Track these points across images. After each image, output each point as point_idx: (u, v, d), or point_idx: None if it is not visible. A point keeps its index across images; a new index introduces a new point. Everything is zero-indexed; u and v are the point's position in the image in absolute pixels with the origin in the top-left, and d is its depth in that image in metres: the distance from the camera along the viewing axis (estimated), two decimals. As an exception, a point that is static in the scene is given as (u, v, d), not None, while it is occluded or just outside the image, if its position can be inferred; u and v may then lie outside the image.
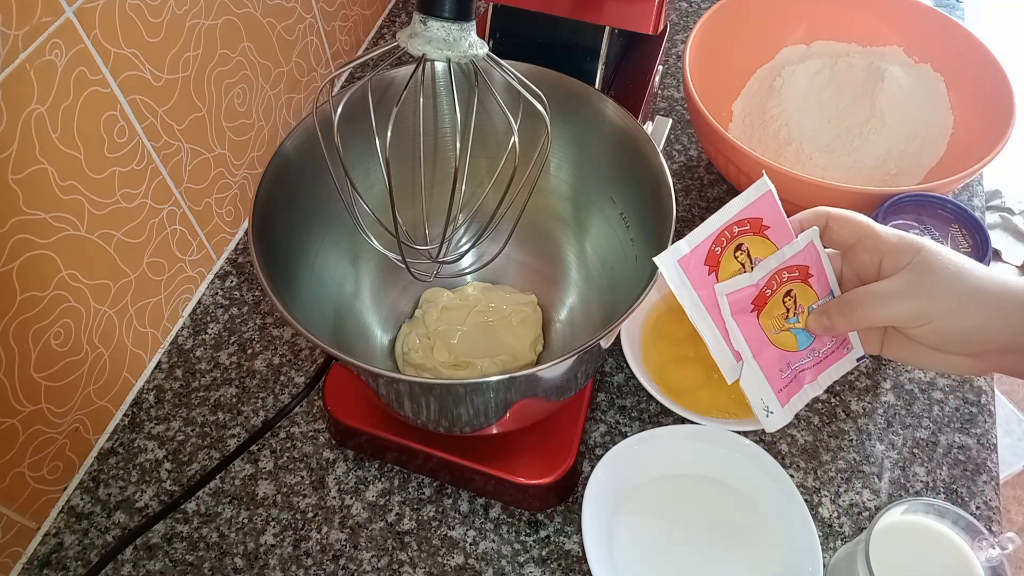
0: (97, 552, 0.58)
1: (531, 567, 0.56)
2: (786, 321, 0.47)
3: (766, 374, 0.47)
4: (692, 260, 0.44)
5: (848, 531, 0.57)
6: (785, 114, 0.76)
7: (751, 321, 0.46)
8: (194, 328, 0.70)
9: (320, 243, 0.55)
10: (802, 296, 0.47)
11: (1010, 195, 1.82)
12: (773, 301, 0.46)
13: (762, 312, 0.46)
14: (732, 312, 0.45)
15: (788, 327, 0.47)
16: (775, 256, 0.45)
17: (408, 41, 0.43)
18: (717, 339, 0.46)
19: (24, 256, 0.52)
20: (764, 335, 0.46)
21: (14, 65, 0.47)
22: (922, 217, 0.61)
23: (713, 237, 0.45)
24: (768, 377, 0.47)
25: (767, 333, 0.47)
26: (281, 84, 0.77)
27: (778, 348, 0.47)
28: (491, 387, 0.45)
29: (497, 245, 0.54)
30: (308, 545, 0.58)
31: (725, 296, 0.45)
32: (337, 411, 0.58)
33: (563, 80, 0.54)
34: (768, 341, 0.47)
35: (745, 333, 0.46)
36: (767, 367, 0.47)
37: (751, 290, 0.45)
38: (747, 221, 0.45)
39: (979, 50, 0.72)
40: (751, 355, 0.46)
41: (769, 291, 0.46)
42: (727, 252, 0.45)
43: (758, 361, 0.46)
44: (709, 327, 0.45)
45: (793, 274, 0.46)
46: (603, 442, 0.62)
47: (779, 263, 0.45)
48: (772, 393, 0.48)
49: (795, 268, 0.46)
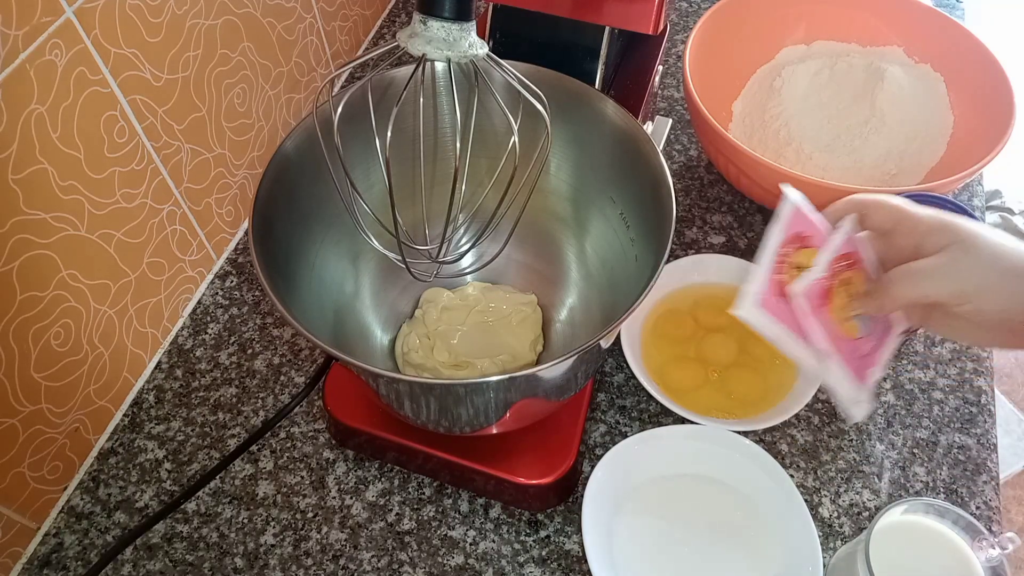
0: (97, 552, 0.58)
1: (531, 567, 0.56)
2: (847, 311, 0.48)
3: (848, 366, 0.48)
4: (766, 299, 0.46)
5: (848, 531, 0.57)
6: (785, 114, 0.76)
7: (825, 317, 0.47)
8: (194, 328, 0.70)
9: (320, 243, 0.55)
10: (857, 283, 0.48)
11: (1010, 195, 1.82)
12: (836, 293, 0.47)
13: (831, 306, 0.47)
14: (811, 309, 0.46)
15: (851, 315, 0.48)
16: (825, 249, 0.46)
17: (408, 41, 0.44)
18: (817, 361, 0.47)
19: (24, 256, 0.52)
20: (837, 328, 0.47)
21: (14, 65, 0.47)
22: None
23: (770, 270, 0.46)
24: (850, 367, 0.48)
25: (838, 326, 0.48)
26: (281, 84, 0.77)
27: (849, 338, 0.48)
28: (491, 387, 0.45)
29: (497, 245, 0.54)
30: (308, 545, 0.58)
31: (801, 296, 0.46)
32: (337, 411, 0.58)
33: (563, 80, 0.54)
34: (841, 334, 0.47)
35: (825, 329, 0.47)
36: (847, 358, 0.48)
37: (819, 282, 0.46)
38: (789, 242, 0.47)
39: (979, 50, 0.72)
40: (834, 350, 0.47)
41: (830, 283, 0.47)
42: (787, 274, 0.47)
43: (840, 354, 0.47)
44: (807, 353, 0.47)
45: (844, 263, 0.47)
46: (603, 442, 0.62)
47: (831, 254, 0.46)
48: (857, 382, 0.48)
49: (844, 257, 0.47)
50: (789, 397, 0.61)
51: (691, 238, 0.75)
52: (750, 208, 0.77)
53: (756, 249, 0.73)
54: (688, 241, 0.74)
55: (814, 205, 0.48)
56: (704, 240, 0.74)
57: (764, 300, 0.46)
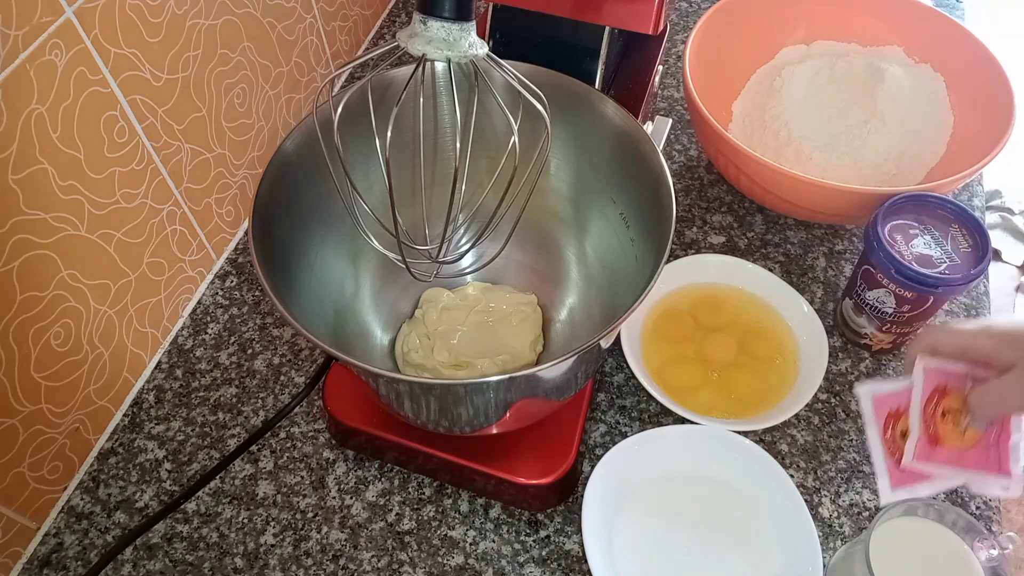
0: (97, 552, 0.58)
1: (531, 567, 0.56)
2: (960, 426, 0.51)
3: (987, 468, 0.51)
4: (898, 478, 0.50)
5: (848, 531, 0.57)
6: (785, 114, 0.76)
7: (944, 453, 0.50)
8: (194, 328, 0.70)
9: (320, 243, 0.55)
10: (956, 401, 0.51)
11: (1010, 195, 1.82)
12: (942, 428, 0.51)
13: (940, 442, 0.51)
14: (930, 460, 0.50)
15: (964, 427, 0.51)
16: (912, 409, 0.50)
17: (408, 41, 0.43)
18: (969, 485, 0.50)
19: (24, 256, 0.52)
20: (960, 446, 0.51)
21: (14, 65, 0.47)
22: (922, 217, 0.61)
23: (885, 459, 0.51)
24: (989, 468, 0.51)
25: (959, 443, 0.51)
26: (281, 84, 0.77)
27: (975, 445, 0.51)
28: (491, 387, 0.45)
29: (497, 245, 0.54)
30: (308, 545, 0.58)
31: (915, 462, 0.49)
32: (337, 411, 0.58)
33: (563, 80, 0.54)
34: (966, 447, 0.50)
35: (950, 461, 0.50)
36: (982, 462, 0.51)
37: (922, 438, 0.50)
38: (888, 422, 0.51)
39: (979, 50, 0.72)
40: (968, 470, 0.50)
41: (933, 429, 0.51)
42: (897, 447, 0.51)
43: (975, 467, 0.50)
44: (957, 482, 0.50)
45: (936, 400, 0.51)
46: (603, 442, 0.62)
47: (918, 408, 0.50)
48: (1001, 475, 0.51)
49: (933, 394, 0.51)
50: (789, 397, 0.61)
51: (691, 238, 0.75)
52: (750, 208, 0.77)
53: (756, 249, 0.74)
54: (688, 241, 0.74)
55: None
56: (704, 240, 0.74)
57: (896, 480, 0.50)
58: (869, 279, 0.61)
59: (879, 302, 0.61)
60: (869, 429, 0.53)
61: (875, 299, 0.61)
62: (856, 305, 0.64)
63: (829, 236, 0.75)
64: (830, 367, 0.65)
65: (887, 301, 0.60)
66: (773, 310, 0.66)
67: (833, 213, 0.68)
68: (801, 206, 0.68)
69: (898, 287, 0.59)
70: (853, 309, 0.64)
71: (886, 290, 0.60)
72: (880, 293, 0.60)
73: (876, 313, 0.62)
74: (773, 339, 0.65)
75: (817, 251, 0.73)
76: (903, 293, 0.59)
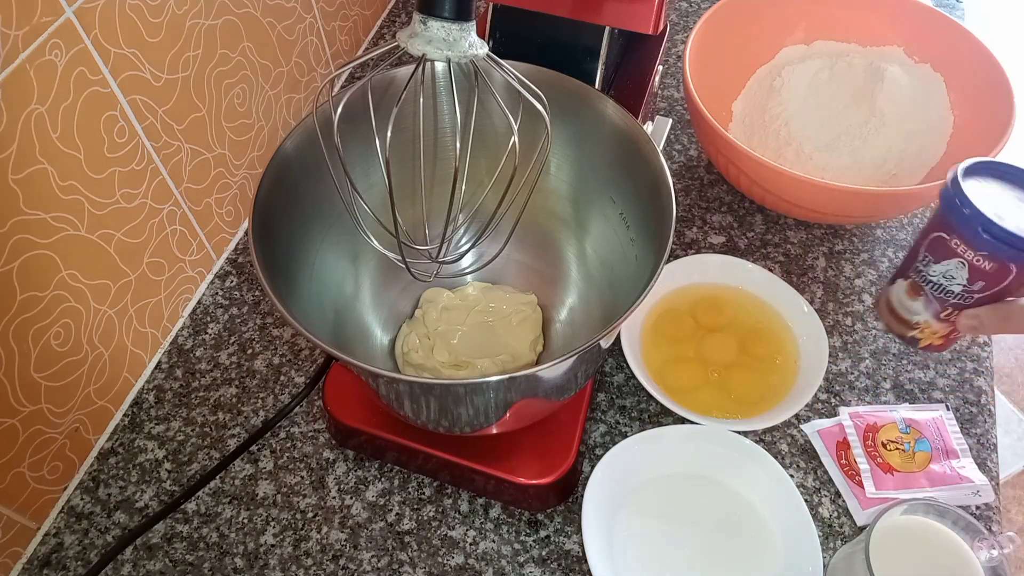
0: (97, 552, 0.58)
1: (531, 567, 0.56)
2: (908, 451, 0.58)
3: (946, 483, 0.57)
4: (872, 500, 0.58)
5: (848, 531, 0.57)
6: (785, 114, 0.76)
7: (899, 479, 0.57)
8: (194, 328, 0.70)
9: (320, 243, 0.55)
10: (891, 432, 0.59)
11: (1010, 195, 1.82)
12: (890, 457, 0.58)
13: (893, 470, 0.58)
14: (895, 488, 0.57)
15: (912, 451, 0.58)
16: (854, 445, 0.60)
17: (408, 41, 0.43)
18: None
19: (24, 256, 0.52)
20: (913, 472, 0.58)
21: (14, 65, 0.47)
22: (1002, 183, 0.53)
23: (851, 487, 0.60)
24: (950, 482, 0.57)
25: (912, 467, 0.58)
26: (281, 84, 0.77)
27: (927, 465, 0.58)
28: (491, 387, 0.45)
29: (497, 245, 0.54)
30: (308, 545, 0.58)
31: (876, 489, 0.57)
32: (337, 411, 0.58)
33: (563, 80, 0.54)
34: (919, 470, 0.58)
35: (905, 485, 0.57)
36: (940, 480, 0.57)
37: (877, 471, 0.58)
38: (840, 449, 0.61)
39: (979, 50, 0.72)
40: (928, 489, 0.57)
41: (881, 460, 0.58)
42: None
43: (937, 486, 0.57)
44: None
45: (871, 436, 0.60)
46: (603, 442, 0.62)
47: (860, 444, 0.59)
48: (960, 484, 0.57)
49: (867, 433, 0.60)
50: (789, 397, 0.61)
51: (691, 238, 0.75)
52: (750, 208, 0.77)
53: (756, 249, 0.74)
54: (688, 241, 0.74)
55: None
56: (704, 240, 0.74)
57: (865, 504, 0.57)
58: (938, 249, 0.52)
59: (946, 278, 0.53)
60: (825, 460, 0.60)
61: (942, 274, 0.53)
62: (913, 285, 0.55)
63: (829, 236, 0.75)
64: (830, 367, 0.65)
65: (957, 276, 0.52)
66: (773, 310, 0.66)
67: (833, 213, 0.68)
68: (801, 206, 0.68)
69: (978, 254, 0.50)
70: (907, 291, 0.56)
71: (960, 260, 0.51)
72: (951, 266, 0.52)
73: (939, 293, 0.53)
74: (773, 339, 0.65)
75: (817, 251, 0.73)
76: (982, 264, 0.50)
